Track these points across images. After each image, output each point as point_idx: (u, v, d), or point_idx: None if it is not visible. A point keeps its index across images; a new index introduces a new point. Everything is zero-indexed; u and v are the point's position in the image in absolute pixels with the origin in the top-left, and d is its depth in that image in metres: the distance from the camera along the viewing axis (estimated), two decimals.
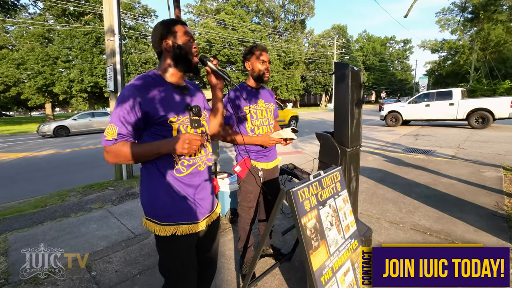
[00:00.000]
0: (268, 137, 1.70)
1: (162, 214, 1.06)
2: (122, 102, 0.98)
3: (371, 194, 3.51)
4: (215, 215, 1.24)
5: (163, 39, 1.07)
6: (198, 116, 1.11)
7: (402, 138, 8.35)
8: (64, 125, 13.20)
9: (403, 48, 58.13)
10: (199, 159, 1.12)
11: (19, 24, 24.83)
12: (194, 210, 1.10)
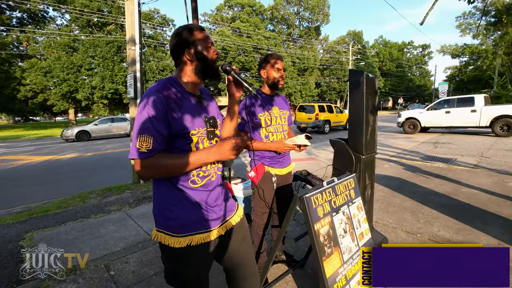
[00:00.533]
0: (282, 144, 1.72)
1: (176, 225, 1.03)
2: (151, 110, 0.92)
3: (387, 202, 3.43)
4: (237, 218, 1.21)
5: (183, 47, 1.04)
6: (214, 128, 1.11)
7: (421, 146, 8.10)
8: (86, 130, 13.82)
9: (422, 54, 56.67)
10: (212, 170, 1.11)
11: (47, 35, 26.44)
12: (208, 219, 1.09)
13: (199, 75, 1.07)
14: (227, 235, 1.17)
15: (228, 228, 1.17)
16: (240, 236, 1.23)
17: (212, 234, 1.09)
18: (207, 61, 1.05)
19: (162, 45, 33.23)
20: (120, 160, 7.45)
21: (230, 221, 1.18)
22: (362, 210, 1.57)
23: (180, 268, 1.08)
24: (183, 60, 1.06)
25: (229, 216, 1.19)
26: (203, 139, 1.06)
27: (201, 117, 1.06)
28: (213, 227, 1.10)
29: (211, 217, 1.10)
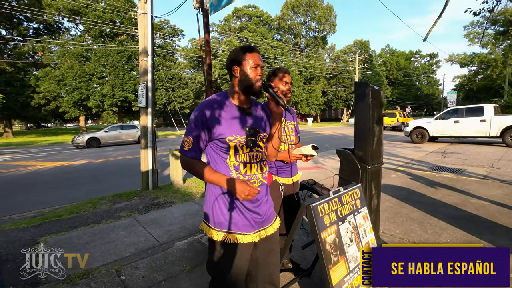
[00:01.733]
0: (290, 154, 1.78)
1: (215, 221, 1.20)
2: (195, 119, 1.17)
3: (394, 213, 3.42)
4: (272, 229, 1.30)
5: (233, 64, 1.21)
6: (254, 137, 1.21)
7: (429, 156, 8.02)
8: (96, 136, 14.14)
9: (429, 62, 56.42)
10: (255, 177, 1.23)
11: (61, 45, 27.42)
12: (244, 223, 1.20)
13: (241, 91, 1.21)
14: (259, 243, 1.26)
15: (262, 237, 1.26)
16: (270, 247, 1.32)
17: (246, 238, 1.20)
18: (248, 80, 1.18)
19: (171, 55, 34.02)
20: (129, 167, 7.59)
21: (265, 231, 1.27)
22: (368, 219, 1.61)
23: (216, 259, 1.23)
24: (233, 75, 1.22)
25: (265, 226, 1.27)
26: (242, 145, 1.18)
27: (241, 126, 1.19)
28: (248, 232, 1.21)
29: (246, 222, 1.21)
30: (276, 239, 1.35)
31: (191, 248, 2.58)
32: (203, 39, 3.30)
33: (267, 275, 1.34)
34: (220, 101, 1.21)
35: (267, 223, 1.29)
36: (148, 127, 4.68)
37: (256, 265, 1.31)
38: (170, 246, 2.62)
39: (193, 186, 4.97)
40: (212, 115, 1.16)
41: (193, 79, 38.76)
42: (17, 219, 3.57)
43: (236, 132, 1.17)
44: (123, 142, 15.06)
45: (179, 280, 2.06)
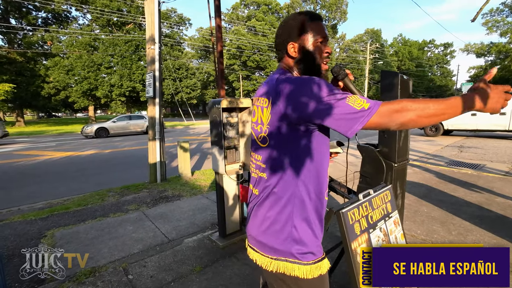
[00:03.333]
0: None
1: (310, 248, 0.88)
2: (331, 87, 0.76)
3: (413, 211, 3.23)
4: None
5: (290, 40, 0.87)
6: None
7: (445, 150, 7.71)
8: (105, 126, 14.19)
9: (443, 52, 54.42)
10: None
11: (70, 34, 27.43)
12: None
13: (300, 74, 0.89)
14: None
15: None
16: None
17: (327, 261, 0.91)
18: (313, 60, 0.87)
19: (179, 44, 33.68)
20: (137, 158, 7.55)
21: None
22: (399, 225, 1.44)
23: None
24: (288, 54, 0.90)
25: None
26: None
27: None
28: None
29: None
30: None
31: (201, 246, 2.47)
32: (213, 27, 3.10)
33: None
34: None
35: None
36: (156, 118, 4.56)
37: None
38: (179, 243, 2.52)
39: (201, 179, 4.87)
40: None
41: (200, 69, 38.42)
42: (26, 210, 3.54)
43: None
44: (131, 132, 15.07)
45: (188, 281, 1.95)
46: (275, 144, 0.82)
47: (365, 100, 0.72)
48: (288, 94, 0.77)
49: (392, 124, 0.72)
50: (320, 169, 0.84)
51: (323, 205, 0.88)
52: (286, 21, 0.90)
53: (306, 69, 0.88)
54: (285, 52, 0.89)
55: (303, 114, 0.75)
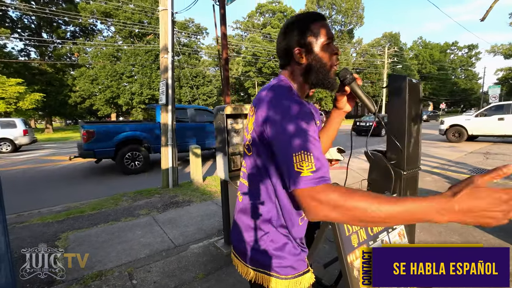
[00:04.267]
0: None
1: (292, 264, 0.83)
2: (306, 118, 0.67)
3: (428, 223, 3.05)
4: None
5: (295, 45, 0.79)
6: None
7: (468, 156, 7.28)
8: None
9: (468, 55, 51.99)
10: None
11: (95, 46, 29.05)
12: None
13: (308, 82, 0.84)
14: None
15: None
16: None
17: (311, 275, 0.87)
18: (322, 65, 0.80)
19: (196, 53, 34.65)
20: (152, 164, 7.75)
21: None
22: (405, 237, 1.36)
23: None
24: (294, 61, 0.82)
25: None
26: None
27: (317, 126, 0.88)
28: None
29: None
30: None
31: (206, 253, 2.46)
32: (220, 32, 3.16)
33: None
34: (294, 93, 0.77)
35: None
36: (169, 124, 4.67)
37: None
38: (184, 249, 2.53)
39: (212, 185, 4.90)
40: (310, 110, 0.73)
41: (216, 76, 39.21)
42: (45, 213, 3.72)
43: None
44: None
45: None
46: (256, 154, 0.80)
47: (315, 164, 0.61)
48: (262, 106, 0.73)
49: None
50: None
51: (303, 218, 0.83)
52: (287, 25, 0.82)
53: (316, 74, 0.80)
54: (291, 59, 0.82)
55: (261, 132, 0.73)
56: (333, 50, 0.80)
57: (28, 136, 11.96)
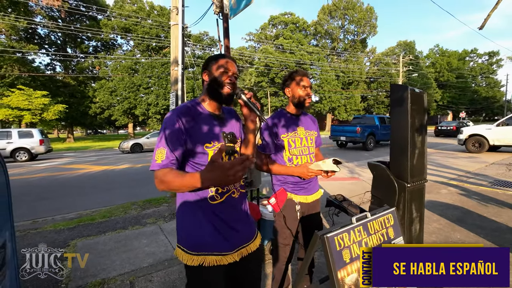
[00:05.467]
0: (306, 169, 1.54)
1: (191, 242, 1.07)
2: (168, 127, 1.03)
3: (444, 237, 2.90)
4: (254, 246, 1.18)
5: (203, 71, 1.17)
6: (233, 143, 1.15)
7: (489, 168, 6.91)
8: (139, 142, 15.20)
9: (488, 62, 50.15)
10: (233, 186, 1.13)
11: (115, 59, 30.50)
12: (225, 241, 1.08)
13: (212, 98, 1.14)
14: (240, 262, 1.12)
15: (244, 255, 1.13)
16: (252, 267, 1.20)
17: (226, 258, 1.07)
18: (216, 84, 1.11)
19: None
20: None
21: (246, 248, 1.15)
22: None
23: (194, 286, 1.11)
24: (204, 80, 1.17)
25: (246, 243, 1.16)
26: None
27: (217, 133, 1.12)
28: (228, 252, 1.08)
29: (227, 239, 1.09)
30: (258, 256, 1.24)
31: None
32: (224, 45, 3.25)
33: None
34: (193, 108, 1.13)
35: (249, 240, 1.18)
36: None
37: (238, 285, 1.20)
38: None
39: None
40: (187, 122, 1.06)
41: None
42: (58, 220, 3.85)
43: (214, 138, 1.09)
44: None
45: None
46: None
47: (162, 157, 1.01)
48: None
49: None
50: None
51: (205, 203, 1.09)
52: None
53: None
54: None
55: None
56: (228, 76, 1.12)
57: (44, 145, 12.62)
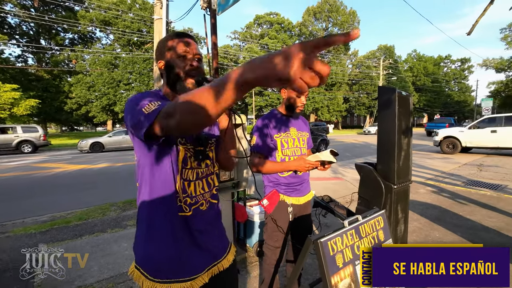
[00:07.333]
0: (303, 160, 1.51)
1: (154, 265, 0.87)
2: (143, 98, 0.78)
3: (424, 236, 3.00)
4: (227, 262, 1.02)
5: (158, 59, 0.94)
6: (203, 147, 0.95)
7: (462, 168, 7.30)
8: (100, 141, 13.85)
9: (461, 68, 53.15)
10: (201, 197, 0.94)
11: (93, 53, 29.17)
12: (194, 262, 0.91)
13: (170, 88, 0.92)
14: (211, 282, 0.96)
15: (214, 274, 0.97)
16: (228, 282, 1.03)
17: (196, 282, 0.90)
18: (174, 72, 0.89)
19: None
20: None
21: (218, 266, 0.98)
22: None
23: None
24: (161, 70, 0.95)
25: (218, 260, 0.99)
26: (190, 156, 0.91)
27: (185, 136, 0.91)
28: (198, 273, 0.91)
29: (195, 259, 0.92)
30: (232, 272, 1.06)
31: None
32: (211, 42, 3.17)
33: None
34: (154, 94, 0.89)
35: (220, 256, 1.01)
36: None
37: None
38: None
39: None
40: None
41: None
42: (29, 223, 3.59)
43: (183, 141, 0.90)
44: (128, 147, 14.28)
45: None
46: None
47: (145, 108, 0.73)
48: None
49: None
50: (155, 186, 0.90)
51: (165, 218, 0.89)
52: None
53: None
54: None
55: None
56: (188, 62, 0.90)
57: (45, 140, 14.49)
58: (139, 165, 0.90)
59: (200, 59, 0.93)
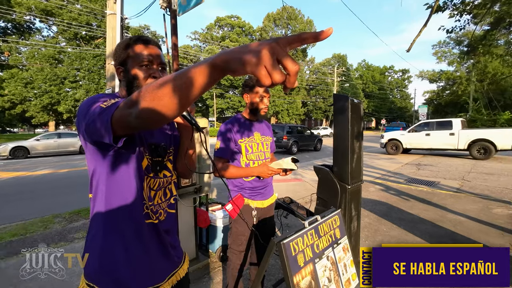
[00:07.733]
0: (267, 167, 1.56)
1: (113, 277, 0.80)
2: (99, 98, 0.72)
3: (374, 230, 3.29)
4: (183, 271, 0.99)
5: (116, 64, 0.87)
6: (161, 157, 0.91)
7: (404, 167, 8.18)
8: (24, 146, 11.80)
9: (402, 77, 59.74)
10: (159, 206, 0.91)
11: (31, 46, 25.85)
12: (158, 269, 0.88)
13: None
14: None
15: (174, 284, 0.95)
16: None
17: None
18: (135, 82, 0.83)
19: None
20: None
21: (175, 275, 0.96)
22: (349, 251, 1.41)
23: None
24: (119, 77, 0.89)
25: (176, 269, 0.98)
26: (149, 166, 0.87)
27: (143, 145, 0.85)
28: (160, 282, 0.88)
29: (159, 266, 0.89)
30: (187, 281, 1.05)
31: None
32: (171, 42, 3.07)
33: None
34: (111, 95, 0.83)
35: (177, 265, 0.99)
36: None
37: None
38: None
39: None
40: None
41: None
42: None
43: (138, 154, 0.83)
44: (61, 152, 12.70)
45: None
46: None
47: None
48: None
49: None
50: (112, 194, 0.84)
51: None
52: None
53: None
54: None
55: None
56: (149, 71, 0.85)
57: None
58: (93, 174, 0.83)
59: (164, 68, 0.89)
